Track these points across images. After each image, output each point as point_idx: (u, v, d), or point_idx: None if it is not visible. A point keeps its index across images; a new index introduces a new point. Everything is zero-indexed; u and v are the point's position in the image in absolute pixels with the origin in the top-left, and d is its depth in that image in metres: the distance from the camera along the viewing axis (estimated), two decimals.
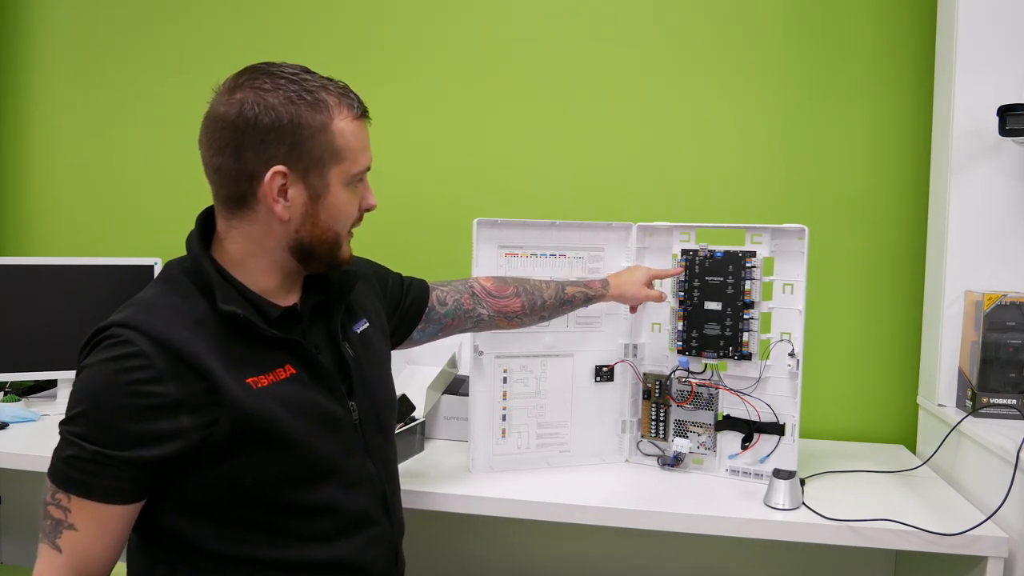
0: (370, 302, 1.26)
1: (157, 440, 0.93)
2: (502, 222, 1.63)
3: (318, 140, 1.00)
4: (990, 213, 1.64)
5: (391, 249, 2.11)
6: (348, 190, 1.05)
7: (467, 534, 1.98)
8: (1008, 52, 1.62)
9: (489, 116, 2.09)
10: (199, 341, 0.96)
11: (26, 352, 1.99)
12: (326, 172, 1.02)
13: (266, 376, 1.00)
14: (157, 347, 0.93)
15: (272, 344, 1.03)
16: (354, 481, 1.08)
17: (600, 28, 2.04)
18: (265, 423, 0.97)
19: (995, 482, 1.36)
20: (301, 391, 1.03)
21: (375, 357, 1.20)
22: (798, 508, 1.41)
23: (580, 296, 1.52)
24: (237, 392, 0.96)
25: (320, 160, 1.01)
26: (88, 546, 0.92)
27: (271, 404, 0.99)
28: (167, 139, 2.28)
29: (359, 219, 1.11)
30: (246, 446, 0.97)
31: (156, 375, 0.92)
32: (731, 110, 1.97)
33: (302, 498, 1.03)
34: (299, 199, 1.02)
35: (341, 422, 1.08)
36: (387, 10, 2.13)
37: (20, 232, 2.40)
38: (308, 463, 1.02)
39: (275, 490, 1.00)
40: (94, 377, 0.94)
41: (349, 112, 1.03)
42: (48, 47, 2.35)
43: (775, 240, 1.57)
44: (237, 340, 1.00)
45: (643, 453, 1.68)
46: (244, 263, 1.05)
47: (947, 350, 1.68)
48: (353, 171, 1.04)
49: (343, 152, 1.02)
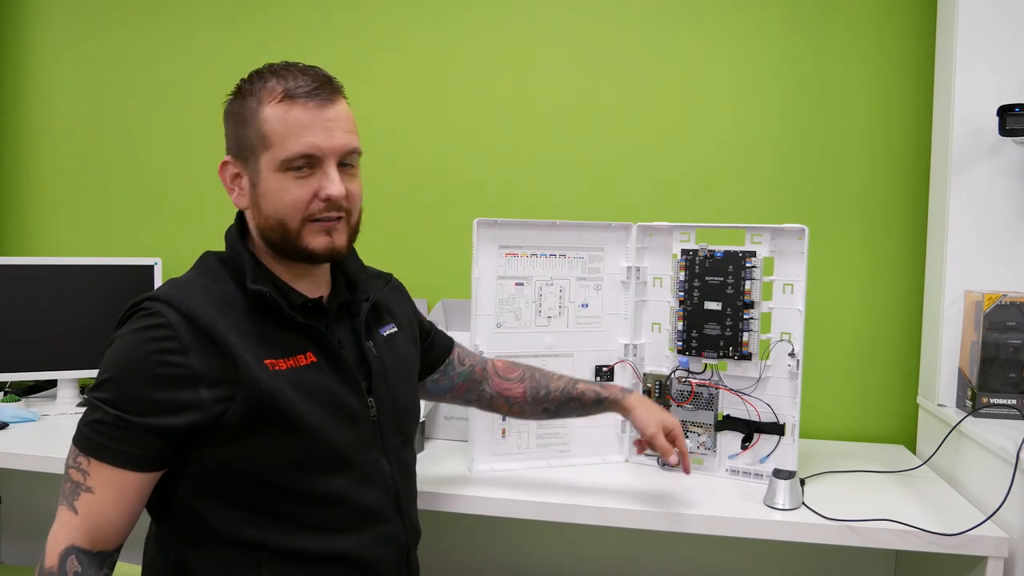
0: (403, 313, 1.27)
1: (176, 409, 0.95)
2: (502, 222, 1.63)
3: (250, 127, 1.03)
4: (990, 213, 1.64)
5: (392, 249, 2.12)
6: (285, 177, 1.02)
7: (467, 534, 1.98)
8: (1008, 52, 1.62)
9: (489, 116, 2.09)
10: (225, 319, 1.00)
11: (26, 352, 1.99)
12: (257, 159, 1.03)
13: (286, 360, 1.02)
14: (184, 320, 0.97)
15: (295, 330, 1.05)
16: (367, 476, 1.08)
17: (600, 27, 2.03)
18: (278, 404, 0.99)
19: (995, 482, 1.36)
20: (319, 379, 1.04)
21: (401, 361, 1.20)
22: (798, 508, 1.41)
23: (591, 394, 1.40)
24: (255, 370, 0.98)
25: (252, 147, 1.03)
26: (103, 509, 0.95)
27: (286, 387, 1.00)
28: (167, 139, 2.28)
29: (326, 208, 1.04)
30: (259, 425, 0.98)
31: (180, 346, 0.96)
32: (731, 110, 1.97)
33: (313, 486, 1.03)
34: (246, 187, 1.06)
35: (358, 415, 1.08)
36: (387, 10, 2.13)
37: (20, 232, 2.40)
38: (320, 450, 1.03)
39: (286, 475, 1.01)
40: (123, 346, 0.98)
41: (282, 95, 1.02)
42: (48, 47, 2.35)
43: (775, 240, 1.57)
44: (262, 323, 1.03)
45: (643, 453, 1.68)
46: (262, 256, 1.09)
47: (947, 350, 1.68)
48: (281, 157, 1.01)
49: (269, 138, 1.02)
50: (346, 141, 1.05)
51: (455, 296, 2.01)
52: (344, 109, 1.07)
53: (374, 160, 2.14)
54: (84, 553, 0.94)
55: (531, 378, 1.42)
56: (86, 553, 0.94)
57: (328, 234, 1.06)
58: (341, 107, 1.06)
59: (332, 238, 1.06)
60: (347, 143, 1.05)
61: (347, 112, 1.08)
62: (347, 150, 1.06)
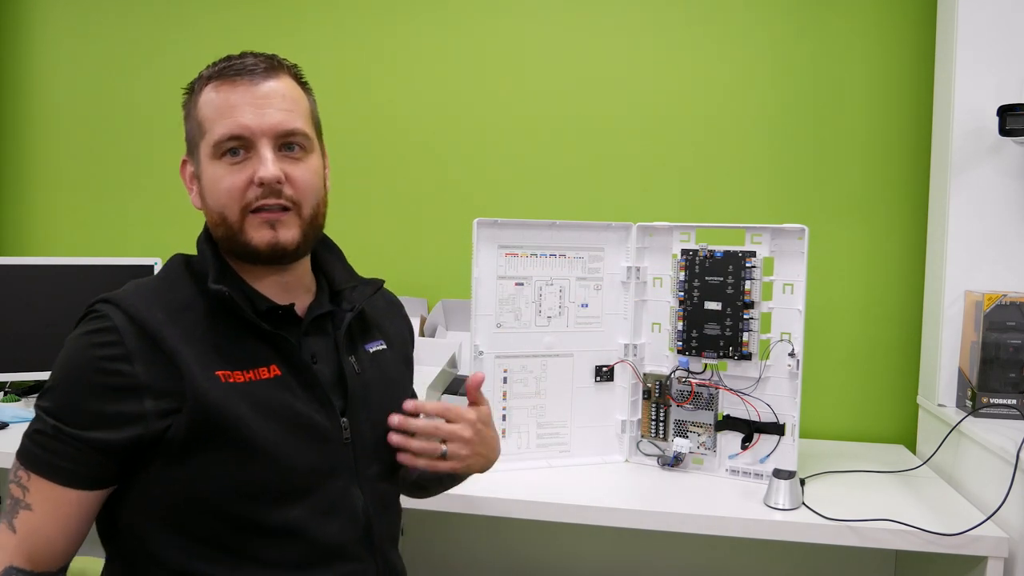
0: (397, 331, 1.15)
1: (118, 422, 0.87)
2: (502, 222, 1.63)
3: (192, 119, 0.97)
4: (990, 213, 1.64)
5: (391, 249, 2.13)
6: (218, 164, 0.93)
7: (467, 534, 1.98)
8: (1008, 52, 1.62)
9: (489, 116, 2.09)
10: (176, 324, 0.90)
11: (26, 352, 1.99)
12: (199, 150, 0.96)
13: (244, 372, 0.92)
14: (131, 325, 0.88)
15: (260, 340, 0.94)
16: (331, 507, 0.95)
17: (601, 28, 2.03)
18: (226, 420, 0.88)
19: (995, 482, 1.36)
20: (281, 395, 0.93)
21: (388, 381, 1.07)
22: (798, 508, 1.41)
23: None
24: (201, 382, 0.88)
25: (194, 139, 0.97)
26: (41, 528, 0.87)
27: (238, 402, 0.89)
28: (167, 139, 2.28)
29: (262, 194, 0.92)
30: (206, 444, 0.88)
31: (125, 353, 0.87)
32: (732, 110, 1.97)
33: (266, 516, 0.91)
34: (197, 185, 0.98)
35: (327, 437, 0.96)
36: (387, 9, 2.13)
37: (20, 232, 2.40)
38: (275, 475, 0.91)
39: (236, 502, 0.90)
40: (68, 351, 0.90)
41: (209, 79, 0.95)
42: (48, 47, 2.35)
43: (775, 240, 1.57)
44: (222, 330, 0.93)
45: (643, 453, 1.68)
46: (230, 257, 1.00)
47: (947, 350, 1.68)
48: (213, 141, 0.93)
49: (204, 124, 0.94)
50: (280, 119, 0.93)
51: (455, 296, 2.01)
52: (282, 86, 0.95)
53: (374, 160, 2.16)
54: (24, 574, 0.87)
55: None
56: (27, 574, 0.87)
57: (272, 227, 0.93)
58: (279, 84, 0.95)
59: (276, 232, 0.93)
60: (281, 121, 0.93)
61: (287, 89, 0.96)
62: (282, 130, 0.93)
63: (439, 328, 1.98)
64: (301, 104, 0.97)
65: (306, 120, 0.97)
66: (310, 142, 0.97)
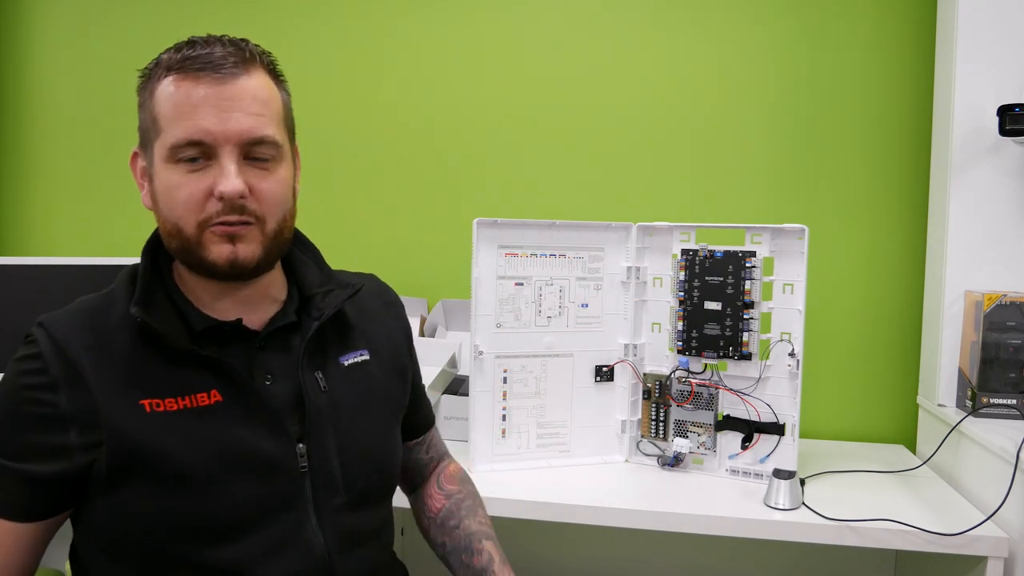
0: (387, 336, 1.04)
1: (46, 455, 0.81)
2: (502, 222, 1.63)
3: (146, 111, 0.86)
4: (990, 213, 1.64)
5: (391, 249, 2.13)
6: (175, 169, 0.83)
7: None
8: (1008, 52, 1.62)
9: (489, 115, 2.09)
10: (103, 349, 0.84)
11: None
12: (151, 148, 0.86)
13: (177, 400, 0.84)
14: (56, 351, 0.82)
15: (197, 364, 0.85)
16: (280, 544, 0.86)
17: (600, 27, 2.03)
18: (149, 453, 0.81)
19: (995, 482, 1.36)
20: (221, 423, 0.84)
21: (365, 398, 0.96)
22: (798, 508, 1.41)
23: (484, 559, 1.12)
24: (118, 413, 0.81)
25: (147, 134, 0.86)
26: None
27: (164, 433, 0.82)
28: None
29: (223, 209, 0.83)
30: (131, 479, 0.81)
31: (49, 382, 0.81)
32: (732, 110, 1.97)
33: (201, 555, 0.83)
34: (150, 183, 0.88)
35: (278, 467, 0.86)
36: (387, 8, 2.13)
37: (20, 232, 2.40)
38: (210, 511, 0.83)
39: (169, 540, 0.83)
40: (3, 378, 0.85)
41: (166, 69, 0.84)
42: (48, 47, 2.35)
43: (775, 240, 1.57)
44: (155, 355, 0.85)
45: (643, 453, 1.68)
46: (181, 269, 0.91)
47: (947, 350, 1.68)
48: (168, 143, 0.83)
49: (159, 121, 0.84)
50: (248, 126, 0.82)
51: (455, 296, 2.01)
52: (253, 84, 0.84)
53: (374, 160, 2.16)
54: None
55: (458, 501, 1.13)
56: None
57: (231, 241, 0.84)
58: (249, 81, 0.83)
59: (235, 247, 0.84)
60: (248, 128, 0.82)
61: (258, 88, 0.84)
62: (250, 137, 0.83)
63: (439, 328, 1.98)
64: (273, 105, 0.87)
65: (277, 124, 0.87)
66: (279, 150, 0.87)
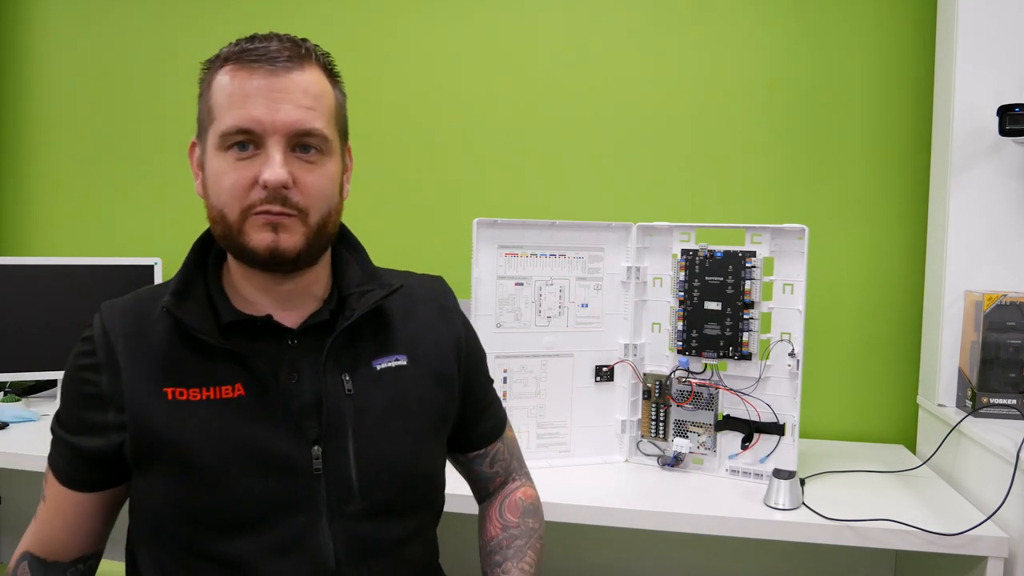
0: (435, 342, 1.01)
1: (92, 431, 0.89)
2: (502, 222, 1.63)
3: (204, 101, 0.89)
4: (990, 213, 1.64)
5: (391, 249, 2.12)
6: (225, 156, 0.85)
7: (467, 534, 1.98)
8: (1008, 52, 1.62)
9: (489, 115, 2.09)
10: (141, 337, 0.88)
11: (26, 352, 1.99)
12: (206, 137, 0.88)
13: (201, 390, 0.86)
14: (103, 335, 0.89)
15: (228, 356, 0.87)
16: (287, 545, 0.86)
17: (600, 27, 2.03)
18: (166, 440, 0.84)
19: (995, 482, 1.36)
20: (240, 417, 0.86)
21: (397, 404, 0.94)
22: (798, 508, 1.41)
23: None
24: (141, 398, 0.85)
25: (204, 123, 0.88)
26: (50, 521, 0.93)
27: (184, 422, 0.85)
28: (168, 138, 2.28)
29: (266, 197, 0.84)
30: (151, 464, 0.86)
31: (96, 363, 0.88)
32: (732, 110, 1.97)
33: (212, 545, 0.85)
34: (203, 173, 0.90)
35: (291, 467, 0.86)
36: (387, 8, 2.13)
37: (20, 232, 2.40)
38: (222, 504, 0.85)
39: (183, 528, 0.86)
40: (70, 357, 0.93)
41: (227, 61, 0.86)
42: (48, 46, 2.35)
43: (775, 240, 1.57)
44: (187, 345, 0.87)
45: (643, 453, 1.68)
46: (230, 264, 0.93)
47: (947, 350, 1.68)
48: (220, 129, 0.84)
49: (214, 110, 0.86)
50: (297, 118, 0.83)
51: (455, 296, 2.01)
52: (306, 79, 0.85)
53: (374, 160, 2.15)
54: (37, 561, 0.92)
55: (511, 537, 1.09)
56: (39, 561, 0.92)
57: (274, 230, 0.84)
58: (302, 77, 0.85)
59: (278, 236, 0.84)
60: (298, 120, 0.84)
61: (311, 83, 0.86)
62: (298, 129, 0.84)
63: None
64: (324, 101, 0.87)
65: (327, 120, 0.87)
66: (328, 144, 0.87)
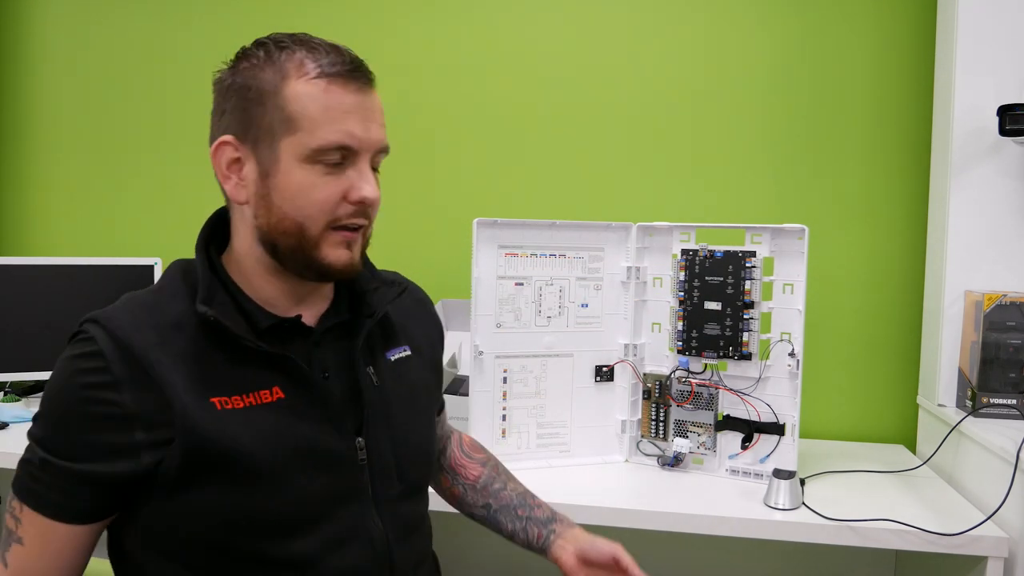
0: (424, 332, 1.07)
1: (108, 455, 0.81)
2: (502, 222, 1.63)
3: (268, 104, 0.84)
4: (990, 213, 1.64)
5: (391, 249, 2.12)
6: (312, 170, 0.85)
7: (467, 534, 1.98)
8: (1008, 52, 1.62)
9: (489, 116, 2.09)
10: (167, 347, 0.83)
11: (26, 352, 1.99)
12: (276, 144, 0.85)
13: (243, 397, 0.85)
14: (117, 349, 0.82)
15: (260, 361, 0.87)
16: (345, 536, 0.89)
17: (600, 27, 2.03)
18: (223, 452, 0.82)
19: (995, 482, 1.36)
20: (286, 419, 0.86)
21: (411, 392, 1.01)
22: (798, 508, 1.41)
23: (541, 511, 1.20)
24: (193, 411, 0.82)
25: (270, 129, 0.85)
26: (32, 564, 0.82)
27: (237, 430, 0.83)
28: (168, 138, 2.28)
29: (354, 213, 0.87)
30: (202, 476, 0.82)
31: (111, 380, 0.81)
32: (732, 110, 1.97)
33: (271, 549, 0.85)
34: (251, 176, 0.86)
35: (341, 461, 0.90)
36: (390, 11, 2.13)
37: (20, 232, 2.40)
38: (282, 506, 0.85)
39: (238, 535, 0.85)
40: (55, 375, 0.84)
41: (314, 71, 0.84)
42: (48, 46, 2.35)
43: (775, 240, 1.57)
44: (217, 352, 0.85)
45: (643, 453, 1.68)
46: (243, 264, 0.91)
47: (947, 350, 1.68)
48: (312, 145, 0.84)
49: (297, 120, 0.84)
50: (382, 136, 0.88)
51: (455, 296, 2.01)
52: (379, 99, 0.90)
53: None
54: None
55: (493, 467, 1.22)
56: None
57: (349, 247, 0.88)
58: (377, 96, 0.89)
59: (352, 253, 0.88)
60: (382, 139, 0.89)
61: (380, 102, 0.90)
62: (383, 147, 0.89)
63: None
64: None
65: None
66: None
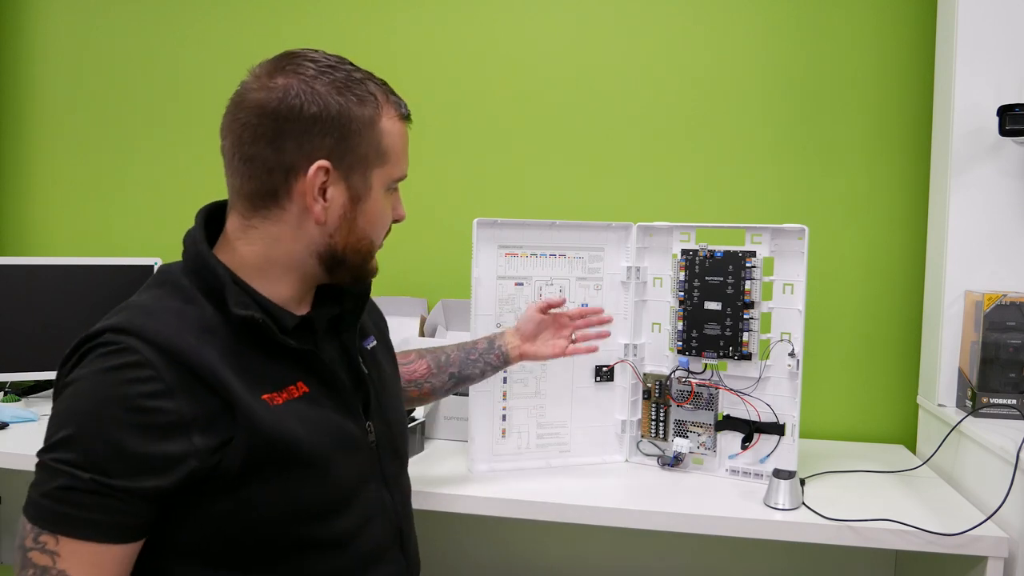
0: (375, 322, 1.18)
1: (167, 465, 0.80)
2: (502, 222, 1.63)
3: (365, 136, 0.93)
4: (990, 213, 1.64)
5: (391, 249, 2.12)
6: (387, 197, 0.99)
7: (467, 534, 1.98)
8: (1008, 52, 1.62)
9: (489, 115, 2.09)
10: (209, 350, 0.84)
11: (26, 352, 1.99)
12: (369, 173, 0.94)
13: (280, 394, 0.89)
14: (162, 355, 0.81)
15: (285, 358, 0.91)
16: (371, 512, 0.98)
17: (600, 27, 2.03)
18: (286, 444, 0.87)
19: (995, 482, 1.36)
20: (318, 409, 0.92)
21: (386, 377, 1.11)
22: (798, 508, 1.41)
23: (483, 342, 1.43)
24: (256, 410, 0.85)
25: (365, 159, 0.93)
26: None
27: (291, 423, 0.88)
28: (168, 138, 2.28)
29: (389, 230, 1.04)
30: (263, 470, 0.85)
31: (164, 388, 0.80)
32: (732, 110, 1.97)
33: (317, 531, 0.91)
34: (338, 200, 0.93)
35: (359, 444, 0.98)
36: (388, 11, 2.13)
37: (20, 232, 2.40)
38: (328, 490, 0.92)
39: (289, 523, 0.88)
40: (90, 391, 0.79)
41: (395, 111, 0.98)
42: (48, 46, 2.35)
43: (775, 240, 1.57)
44: (249, 352, 0.88)
45: (643, 453, 1.68)
46: (259, 267, 0.93)
47: (947, 350, 1.68)
48: (395, 175, 0.99)
49: (388, 153, 0.96)
50: None
51: (455, 296, 2.01)
52: None
53: None
54: None
55: (425, 353, 1.39)
56: None
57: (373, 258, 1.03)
58: None
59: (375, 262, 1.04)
60: None
61: None
62: None
63: (439, 328, 1.98)
64: None
65: None
66: None
